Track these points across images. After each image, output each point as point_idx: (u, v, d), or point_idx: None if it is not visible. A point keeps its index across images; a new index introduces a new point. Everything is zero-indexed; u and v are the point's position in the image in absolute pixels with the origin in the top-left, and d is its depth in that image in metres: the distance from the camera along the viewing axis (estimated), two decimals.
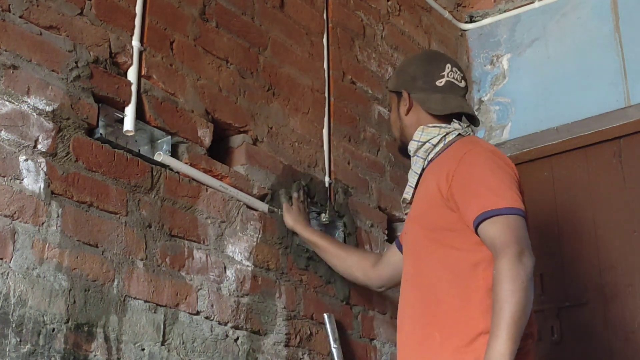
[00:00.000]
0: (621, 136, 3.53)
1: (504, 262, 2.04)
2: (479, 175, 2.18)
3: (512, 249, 2.05)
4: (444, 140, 2.34)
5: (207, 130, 2.49)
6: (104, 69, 2.23)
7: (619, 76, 3.47)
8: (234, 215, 2.50)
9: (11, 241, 1.91)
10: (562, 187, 3.62)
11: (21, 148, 1.98)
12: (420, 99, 2.42)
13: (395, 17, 3.52)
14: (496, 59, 3.86)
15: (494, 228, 2.10)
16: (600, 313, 3.37)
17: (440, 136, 2.35)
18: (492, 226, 2.10)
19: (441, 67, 2.45)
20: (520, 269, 2.02)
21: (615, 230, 3.43)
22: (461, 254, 2.17)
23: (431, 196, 2.26)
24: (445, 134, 2.35)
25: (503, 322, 1.98)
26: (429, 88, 2.42)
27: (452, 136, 2.35)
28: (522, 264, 2.03)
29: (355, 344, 2.81)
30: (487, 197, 2.13)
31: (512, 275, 2.01)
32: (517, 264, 2.03)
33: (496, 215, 2.10)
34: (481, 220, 2.11)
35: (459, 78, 2.46)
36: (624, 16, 3.54)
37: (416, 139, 2.38)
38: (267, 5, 2.84)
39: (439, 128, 2.36)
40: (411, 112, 2.43)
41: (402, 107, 2.45)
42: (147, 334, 2.15)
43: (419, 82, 2.44)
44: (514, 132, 3.71)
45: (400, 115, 2.46)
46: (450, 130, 2.36)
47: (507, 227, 2.09)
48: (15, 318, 1.87)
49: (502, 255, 2.05)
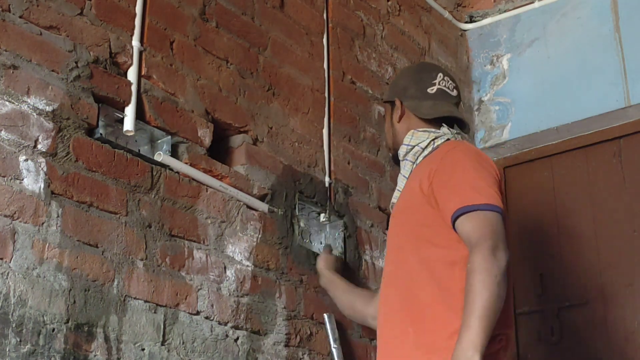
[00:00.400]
0: (621, 136, 3.53)
1: (478, 255, 2.06)
2: (459, 171, 2.22)
3: (486, 243, 2.07)
4: (432, 144, 2.38)
5: (207, 130, 2.49)
6: (104, 69, 2.23)
7: (619, 76, 3.47)
8: (234, 215, 2.50)
9: (11, 241, 1.91)
10: (562, 187, 3.62)
11: (21, 148, 1.98)
12: (412, 106, 2.47)
13: (395, 17, 3.52)
14: (496, 59, 3.86)
15: (471, 223, 2.12)
16: (600, 313, 3.37)
17: (429, 140, 2.38)
18: (469, 221, 2.13)
19: (433, 75, 2.51)
20: (494, 263, 2.05)
21: (615, 230, 3.43)
22: (439, 251, 2.19)
23: (413, 194, 2.29)
24: (435, 138, 2.38)
25: (475, 313, 2.00)
26: (420, 95, 2.47)
27: (441, 140, 2.38)
28: (495, 258, 2.06)
29: (355, 344, 2.81)
30: (466, 193, 2.16)
31: (486, 269, 2.04)
32: (491, 257, 2.05)
33: (474, 210, 2.13)
34: (459, 215, 2.14)
35: (451, 87, 2.51)
36: (624, 16, 3.54)
37: (406, 142, 2.42)
38: (267, 5, 2.84)
39: (428, 132, 2.40)
40: (403, 119, 2.48)
41: (395, 115, 2.49)
42: (147, 334, 2.15)
43: (411, 90, 2.49)
44: (514, 132, 3.71)
45: (393, 123, 2.50)
46: (439, 135, 2.39)
47: (483, 222, 2.12)
48: (15, 318, 1.87)
49: (477, 249, 2.08)
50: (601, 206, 3.50)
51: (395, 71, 3.42)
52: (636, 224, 3.39)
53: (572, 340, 3.39)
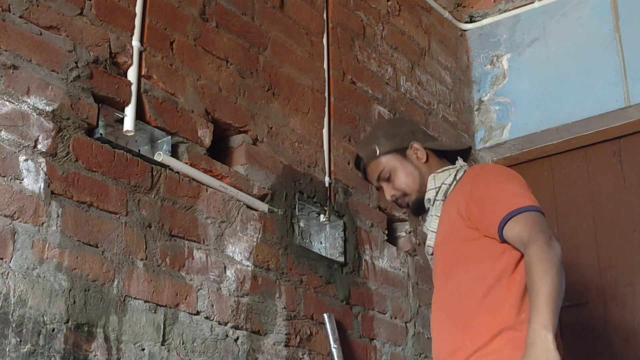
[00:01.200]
0: (621, 136, 3.53)
1: (535, 248, 2.14)
2: (495, 185, 2.29)
3: (540, 237, 2.15)
4: (455, 178, 2.44)
5: (207, 130, 2.49)
6: (104, 69, 2.23)
7: (619, 76, 3.47)
8: (234, 215, 2.50)
9: (11, 241, 1.91)
10: (562, 187, 3.62)
11: (21, 148, 1.98)
12: (434, 145, 2.54)
13: (395, 17, 3.52)
14: (496, 59, 3.86)
15: (520, 224, 2.20)
16: (600, 313, 3.37)
17: (452, 176, 2.44)
18: (517, 223, 2.20)
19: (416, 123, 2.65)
20: (551, 252, 2.14)
21: (615, 230, 3.44)
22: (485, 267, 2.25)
23: (452, 221, 2.34)
24: (456, 172, 2.45)
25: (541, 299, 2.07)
26: (429, 137, 2.57)
27: (461, 172, 2.45)
28: (552, 248, 2.14)
29: (355, 344, 2.82)
30: (508, 200, 2.24)
31: (544, 258, 2.12)
32: (548, 248, 2.14)
33: (519, 213, 2.20)
34: (506, 221, 2.21)
35: None
36: (624, 16, 3.54)
37: (431, 187, 2.45)
38: (267, 5, 2.84)
39: (449, 170, 2.46)
40: (429, 160, 2.50)
41: (416, 158, 2.49)
42: (147, 334, 2.15)
43: (419, 134, 2.55)
44: (514, 132, 3.71)
45: (417, 166, 2.49)
46: (458, 168, 2.46)
47: (532, 221, 2.20)
48: (15, 318, 1.87)
49: (532, 243, 2.15)
50: (601, 206, 3.50)
51: (395, 71, 3.42)
52: (636, 224, 3.40)
53: (573, 340, 3.39)
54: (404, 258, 3.17)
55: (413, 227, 3.25)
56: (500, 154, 3.78)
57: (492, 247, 2.26)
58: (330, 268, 2.80)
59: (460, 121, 3.73)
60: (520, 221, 2.20)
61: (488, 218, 2.25)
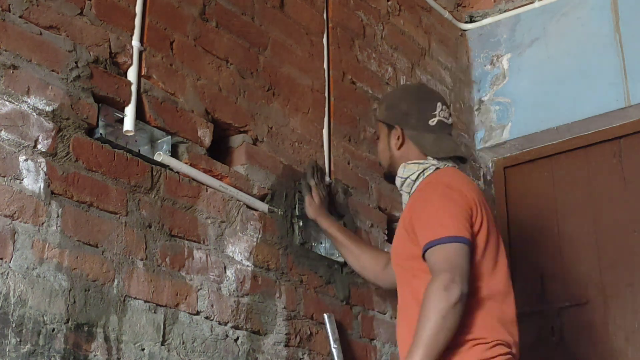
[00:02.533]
0: (621, 136, 3.53)
1: (431, 287, 2.22)
2: (428, 207, 2.36)
3: (441, 278, 2.21)
4: (422, 175, 2.49)
5: (207, 130, 2.49)
6: (104, 69, 2.23)
7: (619, 76, 3.47)
8: (234, 215, 2.50)
9: (11, 241, 1.91)
10: (562, 187, 3.62)
11: (21, 148, 1.98)
12: (414, 138, 2.56)
13: (395, 17, 3.52)
14: (496, 59, 3.86)
15: (433, 257, 2.28)
16: (601, 313, 3.37)
17: (419, 172, 2.50)
18: (432, 255, 2.28)
19: (433, 105, 2.58)
20: (443, 298, 2.19)
21: (615, 230, 3.43)
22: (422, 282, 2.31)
23: (401, 229, 2.46)
24: (423, 170, 2.50)
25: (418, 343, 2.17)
26: (421, 127, 2.56)
27: (430, 171, 2.49)
28: (446, 292, 2.19)
29: (355, 344, 2.81)
30: (432, 227, 2.31)
31: (434, 302, 2.19)
32: (442, 292, 2.19)
33: (438, 244, 2.27)
34: (426, 249, 2.29)
35: (447, 116, 2.61)
36: (624, 16, 3.54)
37: (399, 175, 2.54)
38: (267, 5, 2.84)
39: (418, 164, 2.51)
40: (403, 147, 2.57)
41: (394, 141, 2.58)
42: (147, 334, 2.15)
43: (412, 119, 2.57)
44: (514, 132, 3.71)
45: (390, 147, 2.60)
46: (427, 166, 2.50)
47: (443, 256, 2.26)
48: (15, 318, 1.87)
49: (432, 281, 2.23)
50: (601, 206, 3.50)
51: (395, 71, 3.42)
52: (636, 224, 3.39)
53: (573, 340, 3.39)
54: None
55: None
56: (500, 154, 3.78)
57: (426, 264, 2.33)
58: (330, 268, 2.80)
59: (460, 121, 3.72)
60: (434, 254, 2.27)
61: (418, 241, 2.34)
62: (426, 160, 2.51)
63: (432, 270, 2.25)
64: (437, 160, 2.51)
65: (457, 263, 2.23)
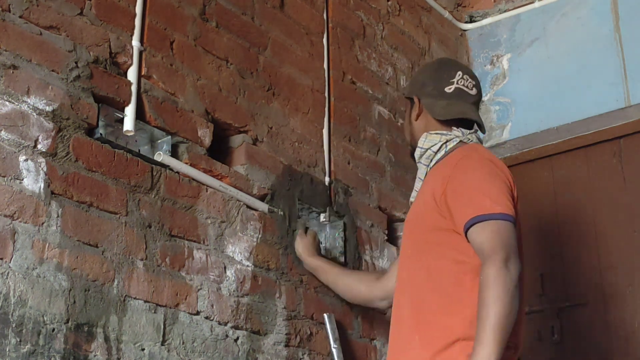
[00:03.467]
0: (621, 136, 3.53)
1: (491, 268, 2.07)
2: (472, 180, 2.21)
3: (499, 255, 2.08)
4: (445, 147, 2.37)
5: (207, 130, 2.49)
6: (104, 69, 2.23)
7: (619, 76, 3.47)
8: (234, 215, 2.50)
9: (11, 241, 1.91)
10: (562, 187, 3.62)
11: (21, 148, 1.98)
12: (428, 105, 2.46)
13: (395, 17, 3.52)
14: (496, 59, 3.86)
15: (483, 233, 2.13)
16: (601, 313, 3.37)
17: (441, 143, 2.38)
18: (482, 231, 2.13)
19: (452, 74, 2.48)
20: (507, 276, 2.06)
21: (615, 230, 3.43)
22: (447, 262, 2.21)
23: (425, 200, 2.30)
24: (446, 141, 2.38)
25: (488, 327, 2.02)
26: (437, 94, 2.46)
27: (453, 143, 2.37)
28: (508, 270, 2.07)
29: (355, 344, 2.81)
30: (479, 201, 2.16)
31: (499, 282, 2.05)
32: (504, 270, 2.06)
33: (487, 220, 2.13)
34: (472, 224, 2.15)
35: (470, 86, 2.48)
36: (624, 16, 3.54)
37: (420, 145, 2.42)
38: (267, 5, 2.84)
39: (440, 135, 2.39)
40: (420, 118, 2.48)
41: (413, 113, 2.50)
42: (147, 334, 2.15)
43: (429, 87, 2.48)
44: (514, 132, 3.71)
45: (411, 120, 2.51)
46: (451, 138, 2.38)
47: (496, 233, 2.12)
48: (15, 318, 1.87)
49: (490, 261, 2.08)
50: (601, 206, 3.50)
51: (395, 71, 3.42)
52: (636, 224, 3.39)
53: (573, 340, 3.39)
54: None
55: None
56: (500, 154, 3.78)
57: (460, 244, 2.19)
58: None
59: None
60: (485, 230, 2.13)
61: (457, 214, 2.19)
62: (450, 132, 2.39)
63: (482, 249, 2.11)
64: (461, 133, 2.39)
65: (510, 241, 2.11)
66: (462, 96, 2.45)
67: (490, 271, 2.07)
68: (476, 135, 2.44)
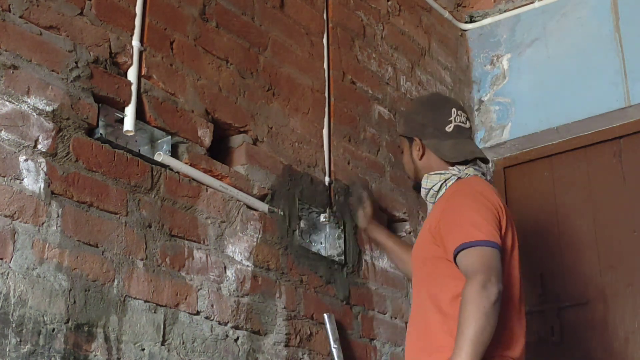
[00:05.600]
0: (621, 136, 3.53)
1: (470, 288, 2.25)
2: (462, 211, 2.41)
3: (478, 277, 2.26)
4: (445, 185, 2.55)
5: (207, 130, 2.49)
6: (104, 69, 2.23)
7: (619, 76, 3.47)
8: (234, 215, 2.50)
9: (11, 241, 1.91)
10: (562, 187, 3.62)
11: (21, 148, 1.98)
12: (433, 146, 2.62)
13: (395, 17, 3.52)
14: (496, 59, 3.86)
15: (468, 258, 2.31)
16: (601, 313, 3.37)
17: (441, 182, 2.56)
18: (467, 256, 2.32)
19: (447, 112, 2.64)
20: (483, 296, 2.23)
21: (615, 230, 3.43)
22: (443, 287, 2.38)
23: (424, 234, 2.51)
24: (445, 180, 2.55)
25: (464, 342, 2.19)
26: (439, 134, 2.62)
27: (452, 181, 2.55)
28: (485, 290, 2.24)
29: (355, 344, 2.81)
30: (466, 230, 2.35)
31: (476, 301, 2.23)
32: (481, 291, 2.24)
33: (472, 246, 2.32)
34: (459, 251, 2.33)
35: (464, 120, 2.66)
36: (624, 16, 3.54)
37: (424, 186, 2.61)
38: (267, 5, 2.84)
39: (439, 175, 2.57)
40: (424, 157, 2.64)
41: (415, 152, 2.65)
42: (147, 334, 2.15)
43: (429, 129, 2.63)
44: (514, 132, 3.71)
45: (413, 159, 2.68)
46: (449, 176, 2.56)
47: (479, 257, 2.30)
48: (15, 318, 1.87)
49: (470, 282, 2.27)
50: (601, 206, 3.50)
51: (395, 71, 3.42)
52: (636, 224, 3.39)
53: (573, 340, 3.39)
54: None
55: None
56: (500, 154, 3.78)
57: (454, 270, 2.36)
58: (330, 268, 2.80)
59: None
60: (470, 255, 2.31)
61: (448, 242, 2.38)
62: (447, 171, 2.56)
63: (466, 271, 2.29)
64: (457, 170, 2.55)
65: (491, 264, 2.28)
66: (461, 132, 2.63)
67: (469, 291, 2.24)
68: (473, 167, 2.58)
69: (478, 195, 2.43)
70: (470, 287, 2.24)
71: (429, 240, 2.46)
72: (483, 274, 2.25)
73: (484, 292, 2.22)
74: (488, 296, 2.22)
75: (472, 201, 2.42)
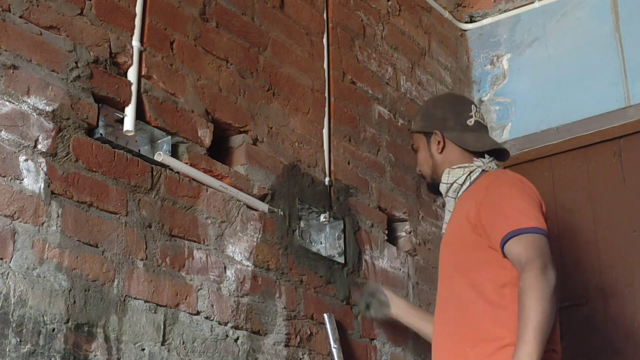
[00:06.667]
0: (621, 136, 3.53)
1: (530, 275, 2.20)
2: (506, 198, 2.36)
3: (536, 264, 2.21)
4: (469, 178, 2.52)
5: (207, 130, 2.49)
6: (104, 69, 2.23)
7: (619, 76, 3.47)
8: (234, 215, 2.50)
9: (11, 241, 1.91)
10: (562, 187, 3.62)
11: (21, 148, 1.98)
12: (455, 138, 2.59)
13: (395, 17, 3.52)
14: (496, 59, 3.86)
15: (521, 245, 2.26)
16: (601, 313, 3.37)
17: (465, 175, 2.53)
18: (519, 243, 2.27)
19: (467, 107, 2.67)
20: (545, 282, 2.19)
21: (615, 230, 3.44)
22: (487, 274, 2.34)
23: (461, 225, 2.44)
24: (470, 173, 2.52)
25: (529, 328, 2.14)
26: (460, 127, 2.61)
27: (477, 173, 2.52)
28: (546, 277, 2.20)
29: (355, 344, 2.81)
30: (514, 217, 2.30)
31: (538, 287, 2.18)
32: (542, 277, 2.19)
33: (523, 233, 2.27)
34: (509, 238, 2.28)
35: (483, 117, 2.69)
36: (624, 16, 3.54)
37: (444, 181, 2.56)
38: (267, 5, 2.84)
39: (463, 168, 2.54)
40: (445, 151, 2.61)
41: (434, 146, 2.62)
42: (147, 334, 2.15)
43: (450, 122, 2.62)
44: (514, 132, 3.71)
45: (432, 154, 2.64)
46: (474, 169, 2.53)
47: (532, 244, 2.25)
48: (15, 318, 1.87)
49: (528, 269, 2.21)
50: (601, 206, 3.50)
51: (395, 71, 3.42)
52: (636, 224, 3.39)
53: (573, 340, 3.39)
54: (404, 258, 3.17)
55: (413, 227, 3.25)
56: None
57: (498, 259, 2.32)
58: (330, 268, 2.80)
59: None
60: (521, 242, 2.26)
61: (493, 231, 2.32)
62: (471, 164, 2.54)
63: (519, 259, 2.24)
64: (482, 162, 2.53)
65: (544, 251, 2.24)
66: (481, 128, 2.64)
67: (529, 278, 2.19)
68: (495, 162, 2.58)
69: (520, 184, 2.41)
70: (530, 273, 2.19)
71: (469, 230, 2.40)
72: (540, 259, 2.21)
73: (544, 278, 2.18)
74: (548, 281, 2.18)
75: (516, 189, 2.38)
